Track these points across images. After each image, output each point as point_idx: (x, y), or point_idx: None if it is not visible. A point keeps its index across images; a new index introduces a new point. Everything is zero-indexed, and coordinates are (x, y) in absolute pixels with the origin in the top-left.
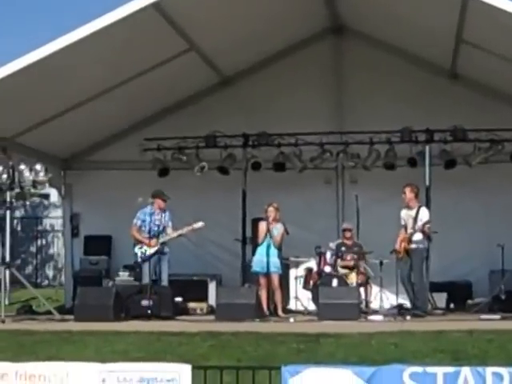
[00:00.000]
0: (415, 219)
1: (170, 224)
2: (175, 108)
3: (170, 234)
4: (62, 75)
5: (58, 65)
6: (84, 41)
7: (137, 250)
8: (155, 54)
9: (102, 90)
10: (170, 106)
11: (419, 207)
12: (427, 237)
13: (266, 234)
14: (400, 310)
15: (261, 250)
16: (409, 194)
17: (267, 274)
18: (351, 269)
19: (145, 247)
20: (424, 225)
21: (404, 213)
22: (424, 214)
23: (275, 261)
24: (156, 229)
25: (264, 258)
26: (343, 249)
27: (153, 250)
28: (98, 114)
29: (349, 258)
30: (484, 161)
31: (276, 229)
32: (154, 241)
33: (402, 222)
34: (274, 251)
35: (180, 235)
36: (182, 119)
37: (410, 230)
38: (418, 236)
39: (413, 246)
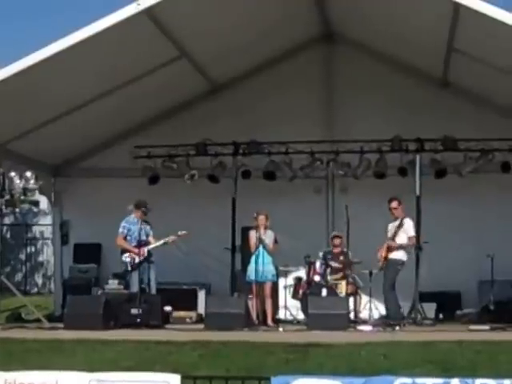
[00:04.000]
0: (398, 228)
1: (151, 233)
2: (166, 115)
3: (155, 242)
4: (52, 82)
5: (48, 72)
6: (74, 48)
7: (125, 258)
8: (146, 61)
9: (93, 97)
10: (161, 113)
11: (402, 218)
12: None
13: (257, 243)
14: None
15: (255, 259)
16: (395, 206)
17: (262, 283)
18: (341, 278)
19: (133, 256)
20: (410, 239)
21: (391, 225)
22: (409, 227)
23: (271, 269)
24: (142, 238)
25: (259, 267)
26: (329, 256)
27: (141, 259)
28: (88, 121)
29: (338, 266)
30: (474, 170)
31: (268, 237)
32: (142, 249)
33: (388, 234)
34: (268, 259)
35: (165, 243)
36: (172, 127)
37: (389, 241)
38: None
39: (390, 256)
